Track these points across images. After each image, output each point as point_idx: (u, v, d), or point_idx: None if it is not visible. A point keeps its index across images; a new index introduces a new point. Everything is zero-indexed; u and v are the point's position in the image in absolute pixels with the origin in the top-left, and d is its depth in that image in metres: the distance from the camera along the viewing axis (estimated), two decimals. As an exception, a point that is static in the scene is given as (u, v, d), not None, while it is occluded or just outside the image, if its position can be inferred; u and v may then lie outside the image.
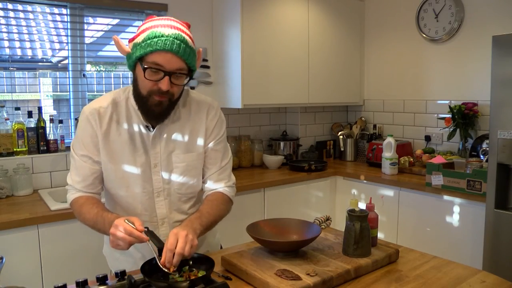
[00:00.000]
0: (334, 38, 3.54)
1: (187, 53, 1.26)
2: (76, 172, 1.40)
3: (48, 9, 2.79)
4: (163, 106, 1.31)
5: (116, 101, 1.40)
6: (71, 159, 1.43)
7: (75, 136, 1.42)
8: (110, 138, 1.38)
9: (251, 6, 3.01)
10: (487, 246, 2.29)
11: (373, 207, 1.52)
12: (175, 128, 1.42)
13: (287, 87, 3.28)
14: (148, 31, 1.24)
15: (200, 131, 1.45)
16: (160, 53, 1.22)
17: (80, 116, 1.41)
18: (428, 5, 3.27)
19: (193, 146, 1.45)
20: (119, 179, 1.40)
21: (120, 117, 1.39)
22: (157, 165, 1.41)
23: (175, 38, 1.23)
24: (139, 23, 3.11)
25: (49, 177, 2.66)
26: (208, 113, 1.47)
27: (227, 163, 1.52)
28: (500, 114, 2.21)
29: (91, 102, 1.42)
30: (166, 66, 1.24)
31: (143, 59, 1.25)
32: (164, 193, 1.43)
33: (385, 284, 1.29)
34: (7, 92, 2.67)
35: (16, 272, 1.99)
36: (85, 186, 1.40)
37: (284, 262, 1.34)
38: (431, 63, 3.33)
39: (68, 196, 1.44)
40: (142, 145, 1.40)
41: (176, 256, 1.17)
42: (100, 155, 1.39)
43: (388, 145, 3.09)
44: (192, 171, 1.45)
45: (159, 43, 1.21)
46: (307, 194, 3.16)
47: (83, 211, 1.35)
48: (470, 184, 2.49)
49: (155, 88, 1.27)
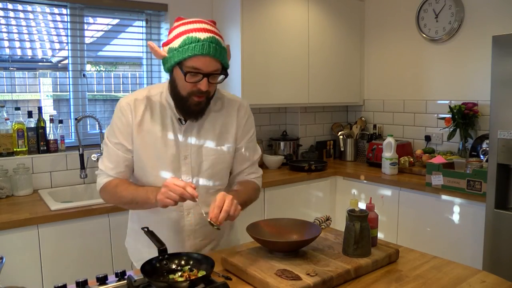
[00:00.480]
0: (334, 38, 3.54)
1: (221, 54, 1.35)
2: (109, 159, 1.48)
3: (48, 9, 2.79)
4: (201, 104, 1.40)
5: (150, 95, 1.48)
6: (104, 146, 1.51)
7: (110, 125, 1.51)
8: (143, 128, 1.45)
9: (251, 6, 3.01)
10: (487, 246, 2.29)
11: (373, 207, 1.52)
12: (206, 123, 1.49)
13: (287, 87, 3.28)
14: (184, 36, 1.31)
15: (231, 127, 1.54)
16: (198, 57, 1.30)
17: (116, 107, 1.49)
18: (428, 5, 3.27)
19: (223, 140, 1.52)
20: (149, 168, 1.47)
21: (154, 110, 1.47)
22: (187, 157, 1.48)
23: (210, 41, 1.31)
24: (139, 23, 3.11)
25: (49, 177, 2.66)
26: (239, 110, 1.56)
27: (258, 158, 1.65)
28: (500, 114, 2.21)
29: (126, 95, 1.51)
30: (205, 69, 1.32)
31: (182, 63, 1.32)
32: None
33: (385, 284, 1.29)
34: (7, 92, 2.67)
35: (16, 272, 1.99)
36: (117, 172, 1.48)
37: (284, 262, 1.34)
38: (431, 63, 3.33)
39: (99, 180, 1.51)
40: (173, 137, 1.47)
41: (223, 212, 1.27)
42: (133, 144, 1.46)
43: (388, 145, 3.09)
44: (220, 165, 1.53)
45: (197, 48, 1.29)
46: (307, 194, 3.16)
47: (118, 190, 1.43)
48: (470, 184, 2.49)
49: (195, 89, 1.35)
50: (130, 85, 3.20)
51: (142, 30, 3.12)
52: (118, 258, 2.30)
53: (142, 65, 3.17)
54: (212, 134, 1.50)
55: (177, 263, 1.28)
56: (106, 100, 3.12)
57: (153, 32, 3.14)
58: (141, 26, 3.12)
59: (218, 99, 1.53)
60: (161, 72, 3.20)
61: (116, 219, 2.29)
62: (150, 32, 3.13)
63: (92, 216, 2.21)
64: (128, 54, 3.16)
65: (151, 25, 3.13)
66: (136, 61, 3.19)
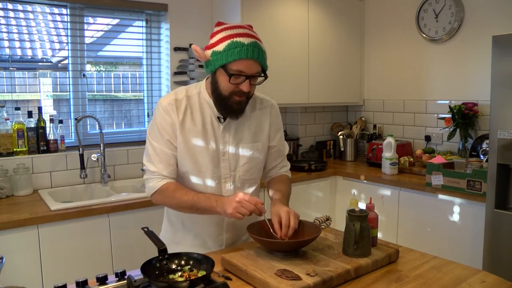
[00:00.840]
0: (334, 38, 3.54)
1: (262, 57, 1.45)
2: (160, 159, 1.53)
3: (48, 9, 2.79)
4: (242, 104, 1.49)
5: (189, 95, 1.56)
6: (150, 148, 1.55)
7: (153, 127, 1.55)
8: (186, 127, 1.53)
9: (251, 6, 3.01)
10: (487, 246, 2.29)
11: (373, 207, 1.52)
12: (243, 121, 1.58)
13: (287, 87, 3.28)
14: (229, 41, 1.41)
15: (265, 125, 1.64)
16: (242, 61, 1.40)
17: (157, 108, 1.55)
18: (428, 5, 3.27)
19: (258, 137, 1.63)
20: (192, 164, 1.55)
21: (194, 108, 1.55)
22: (225, 153, 1.57)
23: (254, 46, 1.41)
24: (139, 23, 3.11)
25: (49, 177, 2.66)
26: (271, 109, 1.69)
27: (287, 152, 1.78)
28: (500, 114, 2.21)
29: (165, 95, 1.58)
30: (248, 71, 1.42)
31: (226, 66, 1.42)
32: (230, 179, 1.59)
33: (385, 284, 1.29)
34: (7, 92, 2.67)
35: (16, 272, 1.99)
36: (170, 171, 1.53)
37: (284, 262, 1.34)
38: (431, 63, 3.33)
39: (152, 184, 1.53)
40: (213, 134, 1.55)
41: (291, 230, 1.41)
42: (177, 142, 1.53)
43: (388, 145, 3.09)
44: (255, 160, 1.62)
45: (242, 52, 1.39)
46: (307, 194, 3.16)
47: (177, 195, 1.50)
48: (470, 184, 2.49)
49: (237, 89, 1.45)
50: (130, 85, 3.21)
51: (142, 30, 3.12)
52: (118, 258, 2.30)
53: (142, 65, 3.17)
54: (248, 132, 1.60)
55: (177, 263, 1.28)
56: (106, 100, 3.12)
57: (153, 32, 3.14)
58: (141, 26, 3.12)
59: (252, 99, 1.61)
60: (161, 72, 3.20)
61: (116, 219, 2.29)
62: (150, 32, 3.13)
63: (92, 216, 2.21)
64: (128, 54, 3.16)
65: (151, 25, 3.13)
66: (136, 61, 3.19)
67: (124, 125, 3.18)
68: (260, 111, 1.65)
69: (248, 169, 1.61)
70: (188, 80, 3.18)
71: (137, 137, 3.10)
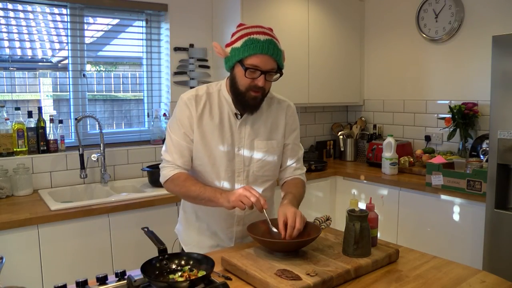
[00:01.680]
0: (334, 38, 3.54)
1: (278, 54, 1.52)
2: (175, 150, 1.60)
3: (48, 9, 2.79)
4: (258, 99, 1.55)
5: (210, 91, 1.63)
6: (168, 139, 1.63)
7: (173, 119, 1.63)
8: (203, 121, 1.59)
9: (251, 6, 3.01)
10: (487, 246, 2.29)
11: (373, 207, 1.52)
12: (259, 119, 1.64)
13: (287, 87, 3.27)
14: (246, 38, 1.49)
15: (280, 124, 1.68)
16: (257, 56, 1.47)
17: (178, 102, 1.63)
18: (428, 5, 3.27)
19: (274, 135, 1.67)
20: (207, 157, 1.60)
21: (213, 104, 1.61)
22: (240, 148, 1.62)
23: (269, 43, 1.49)
24: (139, 23, 3.11)
25: (49, 177, 2.66)
26: (288, 110, 1.72)
27: (302, 154, 1.81)
28: (500, 114, 2.21)
29: (188, 91, 1.65)
30: (263, 66, 1.48)
31: (243, 61, 1.48)
32: (244, 174, 1.63)
33: (385, 284, 1.29)
34: (7, 92, 2.67)
35: (16, 272, 1.99)
36: (184, 162, 1.60)
37: (284, 262, 1.34)
38: (431, 63, 3.33)
39: (166, 172, 1.60)
40: (229, 129, 1.60)
41: (296, 231, 1.41)
42: (194, 135, 1.59)
43: (388, 145, 3.09)
44: (270, 157, 1.66)
45: (257, 47, 1.46)
46: (307, 194, 3.10)
47: (187, 184, 1.55)
48: (470, 184, 2.49)
49: (252, 84, 1.50)
50: (130, 85, 3.21)
51: (142, 30, 3.12)
52: (118, 258, 2.30)
53: (142, 65, 3.17)
54: (264, 129, 1.64)
55: (177, 263, 1.28)
56: (106, 100, 3.12)
57: (153, 32, 3.14)
58: (141, 26, 3.12)
59: (270, 99, 1.68)
60: (161, 72, 3.20)
61: (116, 219, 2.29)
62: (150, 32, 3.13)
63: (92, 216, 2.21)
64: (128, 54, 3.16)
65: (151, 25, 3.13)
66: (136, 61, 3.19)
67: (124, 125, 3.18)
68: (277, 110, 1.69)
69: (261, 165, 1.65)
70: (188, 80, 3.18)
71: (137, 137, 3.10)
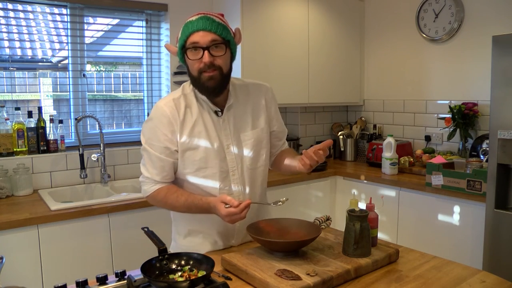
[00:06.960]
0: (334, 38, 3.54)
1: (215, 26, 1.42)
2: (153, 165, 1.52)
3: (48, 9, 2.79)
4: (216, 79, 1.46)
5: (185, 93, 1.56)
6: (144, 153, 1.54)
7: (149, 131, 1.54)
8: (187, 125, 1.52)
9: (251, 6, 3.01)
10: (487, 246, 2.29)
11: (373, 207, 1.52)
12: (239, 109, 1.59)
13: (287, 87, 3.28)
14: (183, 26, 1.46)
15: (261, 109, 1.65)
16: (193, 34, 1.42)
17: (153, 111, 1.53)
18: (428, 5, 3.27)
19: (257, 122, 1.63)
20: (197, 161, 1.53)
21: (192, 106, 1.54)
22: (229, 146, 1.57)
23: (202, 19, 1.42)
24: (139, 23, 3.11)
25: (49, 177, 2.66)
26: (267, 93, 1.68)
27: (287, 132, 1.83)
28: (500, 114, 2.21)
29: (161, 99, 1.57)
30: (201, 41, 1.41)
31: (184, 47, 1.44)
32: (238, 171, 1.58)
33: (385, 284, 1.29)
34: (7, 92, 2.67)
35: (16, 272, 1.99)
36: (162, 177, 1.53)
37: (284, 262, 1.34)
38: (431, 63, 3.33)
39: (146, 188, 1.56)
40: (214, 128, 1.54)
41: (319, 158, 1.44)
42: (178, 144, 1.51)
43: (388, 145, 3.09)
44: (259, 145, 1.63)
45: (190, 27, 1.42)
46: (307, 194, 3.16)
47: (169, 201, 1.52)
48: (470, 184, 2.49)
49: (201, 65, 1.43)
50: (130, 85, 3.21)
51: (142, 30, 3.12)
52: (118, 258, 2.30)
53: (142, 65, 3.17)
54: (246, 119, 1.60)
55: (177, 263, 1.28)
56: (106, 100, 3.12)
57: (153, 32, 3.14)
58: (141, 26, 3.12)
59: (244, 87, 1.63)
60: (161, 72, 3.20)
61: (116, 219, 2.29)
62: (150, 32, 3.13)
63: (92, 216, 2.21)
64: (128, 54, 3.16)
65: (151, 25, 3.13)
66: (136, 61, 3.19)
67: (124, 125, 3.18)
68: (255, 96, 1.64)
69: (254, 156, 1.61)
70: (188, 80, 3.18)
71: (137, 137, 3.09)
